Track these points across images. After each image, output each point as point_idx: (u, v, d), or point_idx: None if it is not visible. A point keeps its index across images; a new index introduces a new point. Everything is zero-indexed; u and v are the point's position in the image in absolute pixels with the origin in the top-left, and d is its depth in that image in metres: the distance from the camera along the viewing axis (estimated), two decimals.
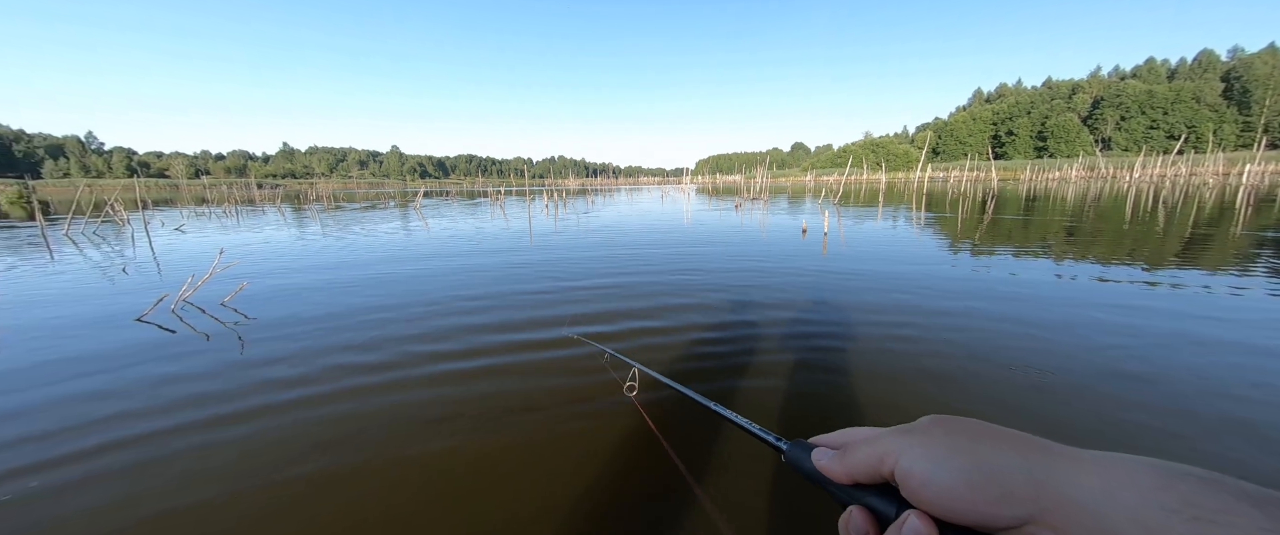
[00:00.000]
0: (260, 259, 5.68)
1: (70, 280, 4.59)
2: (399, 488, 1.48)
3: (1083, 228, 7.22)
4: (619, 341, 2.70)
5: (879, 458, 0.32)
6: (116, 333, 2.97)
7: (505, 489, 1.48)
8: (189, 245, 7.18)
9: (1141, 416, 1.83)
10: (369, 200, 23.10)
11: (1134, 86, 73.94)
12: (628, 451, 1.66)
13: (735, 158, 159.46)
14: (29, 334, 2.98)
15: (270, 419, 1.90)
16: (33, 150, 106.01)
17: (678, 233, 7.80)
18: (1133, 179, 27.41)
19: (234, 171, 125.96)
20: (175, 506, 1.43)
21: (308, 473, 1.56)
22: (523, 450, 1.67)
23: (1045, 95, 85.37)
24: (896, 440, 0.32)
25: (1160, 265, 4.42)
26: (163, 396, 2.11)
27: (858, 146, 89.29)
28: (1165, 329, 2.71)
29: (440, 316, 3.18)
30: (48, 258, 5.97)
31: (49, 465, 1.63)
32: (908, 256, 5.19)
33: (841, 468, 0.35)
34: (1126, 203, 11.76)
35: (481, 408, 1.95)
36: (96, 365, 2.45)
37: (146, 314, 3.31)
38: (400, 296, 3.74)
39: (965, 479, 0.28)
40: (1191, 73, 78.74)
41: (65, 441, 1.77)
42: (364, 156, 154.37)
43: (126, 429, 1.85)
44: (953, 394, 2.04)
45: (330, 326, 3.01)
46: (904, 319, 2.97)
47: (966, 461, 0.28)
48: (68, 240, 7.84)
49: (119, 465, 1.62)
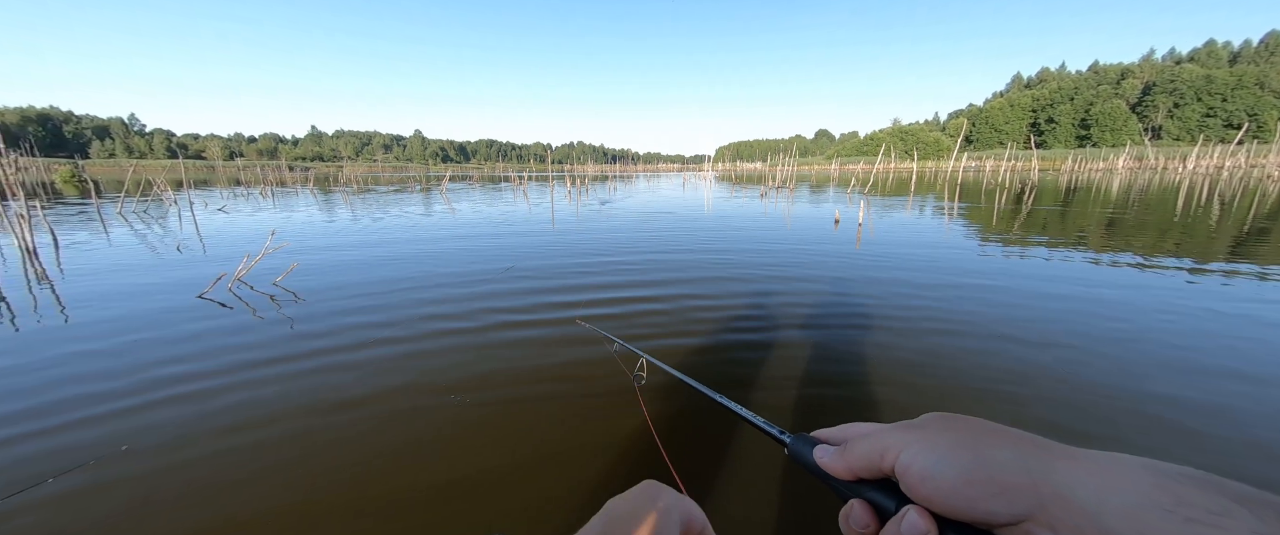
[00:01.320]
0: (305, 239, 5.88)
1: (133, 256, 4.84)
2: (421, 428, 1.65)
3: (1142, 224, 6.87)
4: (634, 331, 2.72)
5: (880, 452, 0.33)
6: (184, 309, 3.12)
7: (502, 462, 1.54)
8: (233, 224, 7.47)
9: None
10: (397, 184, 23.55)
11: (1191, 71, 69.27)
12: (625, 440, 1.69)
13: (757, 144, 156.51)
14: (108, 308, 3.16)
15: (314, 378, 1.98)
16: (81, 131, 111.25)
17: (702, 222, 7.73)
18: (1186, 170, 25.86)
19: (266, 154, 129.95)
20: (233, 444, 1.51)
21: (345, 420, 1.63)
22: (527, 427, 1.78)
23: (1091, 81, 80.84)
24: (897, 435, 0.32)
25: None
26: (227, 360, 2.22)
27: (886, 134, 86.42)
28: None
29: (463, 299, 3.24)
30: (108, 234, 6.29)
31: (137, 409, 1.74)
32: (942, 252, 5.04)
33: (843, 462, 0.35)
34: (1182, 196, 11.11)
35: (485, 386, 2.02)
36: (166, 334, 2.59)
37: (207, 292, 3.47)
38: (432, 277, 3.83)
39: (965, 474, 0.28)
40: (1256, 56, 73.34)
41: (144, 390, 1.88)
42: (388, 140, 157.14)
43: (193, 385, 1.96)
44: (995, 411, 1.98)
45: (368, 304, 3.11)
46: (939, 320, 2.89)
47: (966, 457, 0.29)
48: (121, 218, 8.24)
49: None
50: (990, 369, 2.19)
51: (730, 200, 11.93)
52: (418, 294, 3.40)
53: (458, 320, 2.84)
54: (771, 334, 2.63)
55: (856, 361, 2.29)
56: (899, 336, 2.57)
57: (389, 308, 3.09)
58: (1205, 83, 66.65)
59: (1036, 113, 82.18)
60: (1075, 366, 2.20)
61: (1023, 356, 2.32)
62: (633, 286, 3.61)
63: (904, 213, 8.64)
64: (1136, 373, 2.15)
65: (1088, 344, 2.45)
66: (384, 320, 2.85)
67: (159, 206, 10.39)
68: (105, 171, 53.78)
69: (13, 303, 3.31)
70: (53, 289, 3.66)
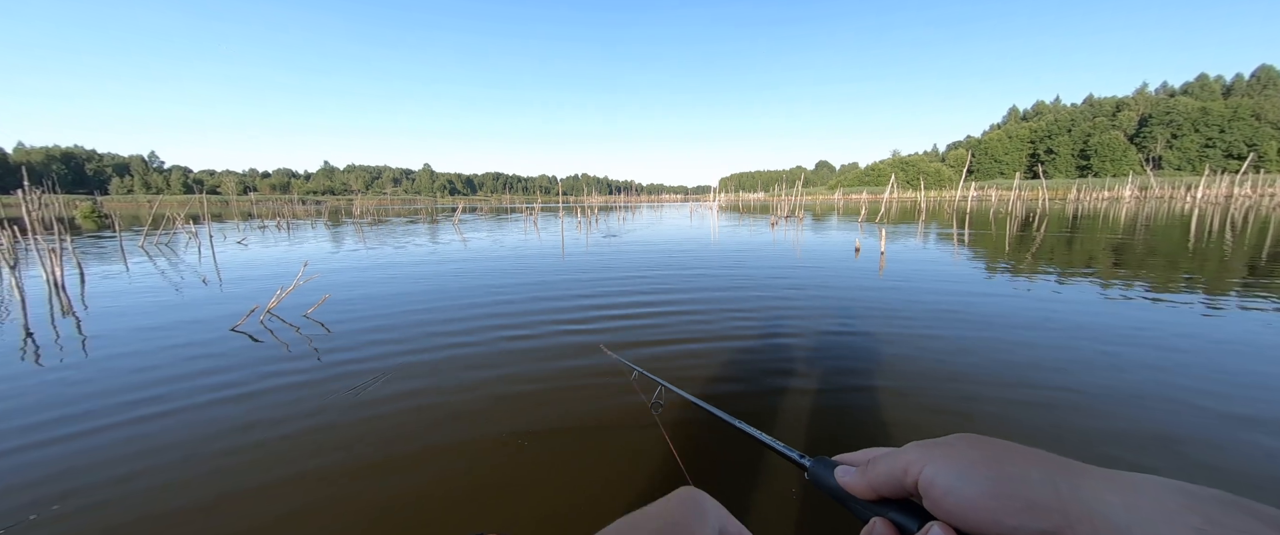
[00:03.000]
0: (330, 271, 5.90)
1: (163, 290, 4.85)
2: (444, 477, 1.63)
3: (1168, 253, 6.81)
4: (660, 360, 2.66)
5: (903, 468, 0.32)
6: (219, 341, 3.09)
7: (526, 487, 1.56)
8: (256, 257, 7.53)
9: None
10: (409, 215, 23.91)
11: (1186, 103, 70.47)
12: (647, 466, 1.68)
13: (758, 175, 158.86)
14: (139, 342, 3.13)
15: (351, 412, 1.92)
16: (102, 169, 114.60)
17: (718, 251, 7.72)
18: (1196, 199, 25.89)
19: (278, 188, 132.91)
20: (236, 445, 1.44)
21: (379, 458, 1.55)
22: (547, 454, 1.77)
23: (1087, 113, 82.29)
24: (921, 452, 0.32)
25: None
26: (267, 384, 2.16)
27: (887, 164, 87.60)
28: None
29: (480, 330, 3.20)
30: (135, 267, 6.34)
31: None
32: (965, 279, 4.98)
33: (864, 481, 0.35)
34: (1197, 224, 11.07)
35: (514, 415, 1.99)
36: (215, 364, 2.55)
37: (240, 324, 3.45)
38: (453, 308, 3.79)
39: (989, 489, 0.28)
40: (1249, 89, 74.71)
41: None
42: (397, 174, 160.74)
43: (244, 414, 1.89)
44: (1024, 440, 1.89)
45: (395, 336, 3.06)
46: (968, 349, 2.81)
47: (992, 472, 0.28)
48: (144, 252, 8.34)
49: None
50: (1052, 414, 2.11)
51: (740, 229, 11.98)
52: (441, 326, 3.37)
53: (494, 340, 2.79)
54: (805, 361, 2.55)
55: (894, 391, 2.21)
56: (930, 363, 2.49)
57: (412, 338, 3.04)
58: (1201, 115, 67.66)
59: (1035, 144, 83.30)
60: (1162, 417, 2.11)
61: (1090, 407, 2.23)
62: (659, 314, 3.56)
63: (916, 240, 8.62)
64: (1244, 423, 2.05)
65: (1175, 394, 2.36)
66: (409, 349, 2.80)
67: (179, 240, 10.53)
68: (123, 207, 54.99)
69: (63, 334, 3.30)
70: (77, 325, 3.65)
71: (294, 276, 4.10)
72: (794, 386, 2.30)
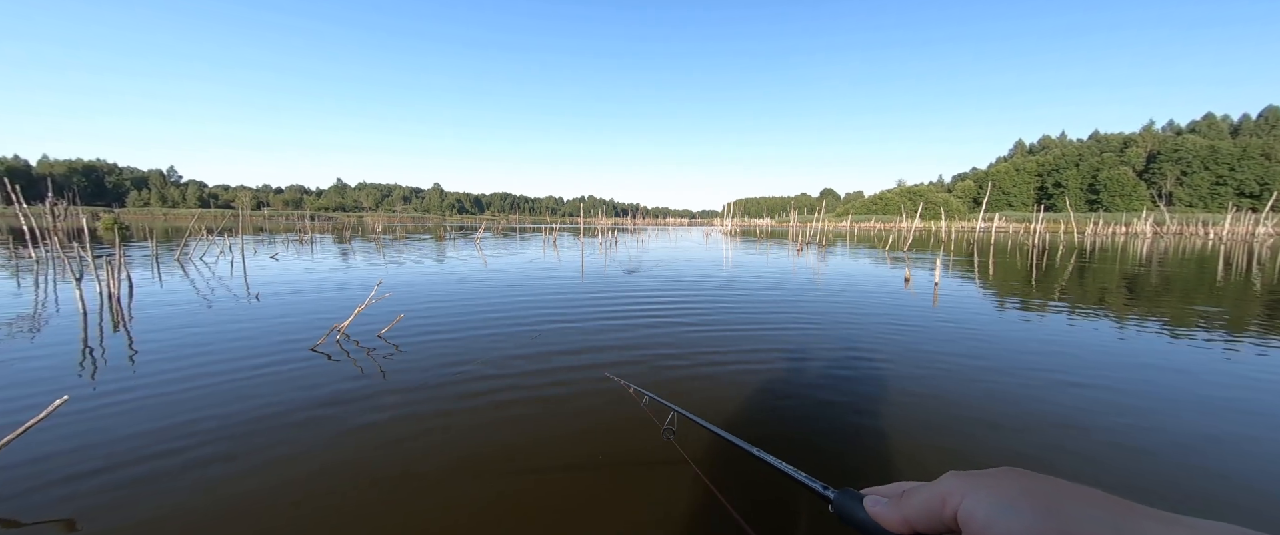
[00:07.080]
0: (392, 286, 5.86)
1: (218, 305, 4.82)
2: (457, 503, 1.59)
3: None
4: (718, 395, 2.55)
5: (941, 499, 0.31)
6: (300, 360, 3.04)
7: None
8: (292, 271, 7.51)
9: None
10: (424, 232, 24.13)
11: (1194, 142, 70.95)
12: (662, 495, 1.67)
13: (763, 201, 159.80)
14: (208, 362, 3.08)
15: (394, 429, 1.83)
16: (121, 182, 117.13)
17: (763, 282, 7.64)
18: (1216, 236, 25.71)
19: (291, 204, 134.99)
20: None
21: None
22: (567, 485, 1.74)
23: (1094, 148, 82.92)
24: (960, 482, 0.31)
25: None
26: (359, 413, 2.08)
27: (894, 194, 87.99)
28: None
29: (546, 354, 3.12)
30: (170, 281, 6.34)
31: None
32: (1024, 316, 4.87)
33: (898, 513, 0.33)
34: (1221, 261, 10.92)
35: (530, 443, 1.93)
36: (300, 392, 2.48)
37: (319, 344, 3.39)
38: (516, 330, 3.73)
39: (1036, 525, 0.26)
40: (1257, 129, 75.25)
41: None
42: (407, 193, 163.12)
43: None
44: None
45: (463, 354, 2.99)
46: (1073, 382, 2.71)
47: (1039, 505, 0.27)
48: (178, 264, 8.38)
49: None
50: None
51: (762, 257, 11.90)
52: (514, 349, 3.29)
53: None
54: (873, 397, 2.46)
55: (960, 434, 2.10)
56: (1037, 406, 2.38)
57: (486, 358, 2.97)
58: (1211, 153, 67.99)
59: (1043, 177, 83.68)
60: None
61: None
62: (717, 349, 3.48)
63: (947, 270, 8.52)
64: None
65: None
66: (489, 373, 2.73)
67: (211, 251, 10.60)
68: (139, 219, 55.85)
69: (141, 351, 3.25)
70: (129, 337, 3.60)
71: (335, 291, 4.05)
72: (895, 435, 2.20)
